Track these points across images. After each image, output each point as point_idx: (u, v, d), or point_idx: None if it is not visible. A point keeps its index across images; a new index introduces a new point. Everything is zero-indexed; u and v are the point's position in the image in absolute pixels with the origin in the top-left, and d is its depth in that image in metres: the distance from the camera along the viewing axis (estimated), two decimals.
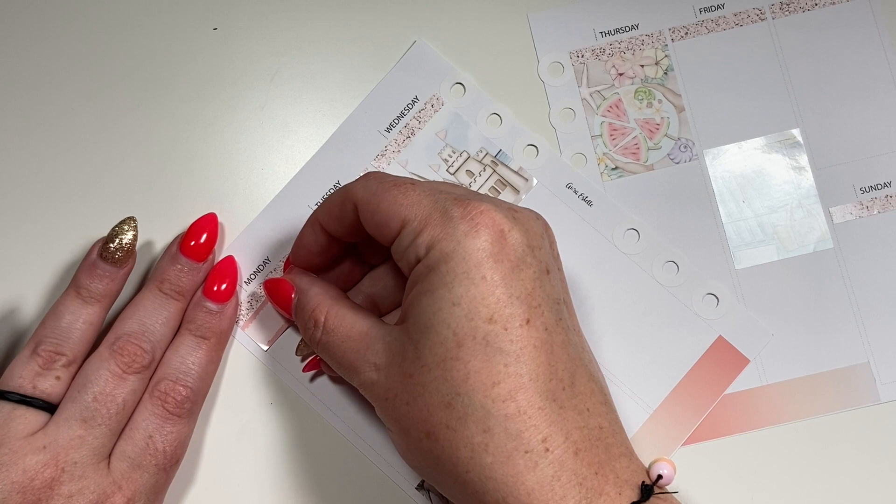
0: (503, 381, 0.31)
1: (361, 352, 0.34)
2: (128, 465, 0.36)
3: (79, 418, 0.36)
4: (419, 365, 0.32)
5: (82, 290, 0.37)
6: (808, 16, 0.43)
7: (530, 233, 0.33)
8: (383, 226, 0.34)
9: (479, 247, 0.31)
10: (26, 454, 0.34)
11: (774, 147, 0.43)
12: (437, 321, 0.32)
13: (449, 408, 0.31)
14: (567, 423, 0.31)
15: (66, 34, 0.43)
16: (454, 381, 0.31)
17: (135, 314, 0.38)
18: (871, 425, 0.41)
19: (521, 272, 0.32)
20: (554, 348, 0.32)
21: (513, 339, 0.31)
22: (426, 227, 0.32)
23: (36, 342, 0.37)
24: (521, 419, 0.31)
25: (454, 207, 0.32)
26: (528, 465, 0.31)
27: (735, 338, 0.41)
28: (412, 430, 0.32)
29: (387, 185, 0.34)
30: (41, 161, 0.42)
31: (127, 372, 0.37)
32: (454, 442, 0.31)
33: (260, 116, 0.43)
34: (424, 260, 0.32)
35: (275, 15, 0.43)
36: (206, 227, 0.40)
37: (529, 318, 0.32)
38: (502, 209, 0.33)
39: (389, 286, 0.39)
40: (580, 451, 0.31)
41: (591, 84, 0.43)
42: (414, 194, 0.33)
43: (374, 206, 0.34)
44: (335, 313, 0.36)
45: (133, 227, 0.38)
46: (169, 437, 0.37)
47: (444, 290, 0.32)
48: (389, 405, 0.33)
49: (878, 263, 0.42)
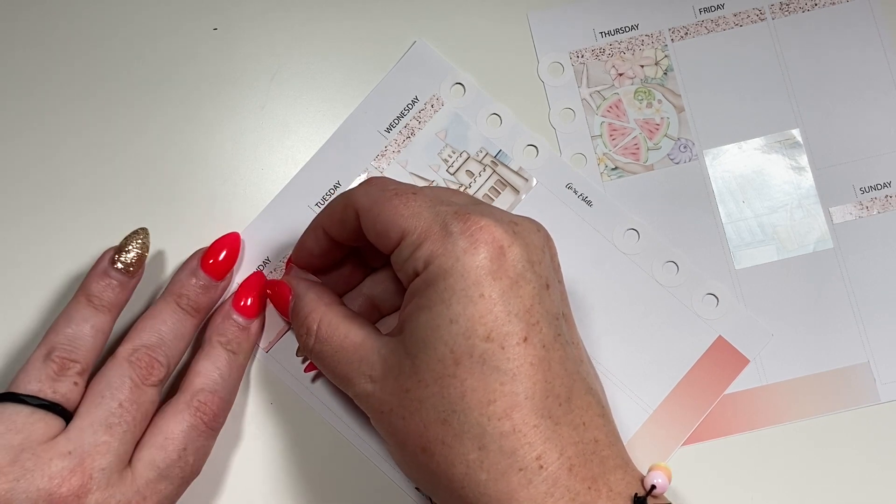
0: (499, 400, 0.31)
1: (355, 363, 0.34)
2: (155, 475, 0.35)
3: (103, 424, 0.35)
4: (416, 380, 0.32)
5: (93, 297, 0.37)
6: (808, 16, 0.43)
7: (531, 247, 0.33)
8: (383, 235, 0.34)
9: (477, 264, 0.31)
10: (51, 459, 0.34)
11: (774, 147, 0.43)
12: (435, 338, 0.32)
13: (445, 424, 0.31)
14: (562, 440, 0.31)
15: (66, 34, 0.43)
16: (450, 399, 0.31)
17: (152, 326, 0.38)
18: (871, 425, 0.41)
19: (520, 288, 0.32)
20: (551, 365, 0.32)
21: (509, 358, 0.31)
22: (425, 241, 0.32)
23: (48, 348, 0.36)
24: (515, 437, 0.31)
25: (454, 222, 0.32)
26: (521, 483, 0.31)
27: (735, 338, 0.41)
28: (408, 444, 0.33)
29: (388, 193, 0.34)
30: (41, 162, 0.42)
31: (145, 383, 0.36)
32: (449, 458, 0.31)
33: (260, 116, 0.43)
34: (423, 274, 0.32)
35: (275, 15, 0.43)
36: (228, 245, 0.40)
37: (527, 336, 0.32)
38: (503, 223, 0.32)
39: (390, 290, 0.39)
40: (574, 466, 0.31)
41: (591, 84, 0.43)
42: (415, 205, 0.33)
43: (374, 214, 0.34)
44: (328, 322, 0.35)
45: (145, 239, 0.38)
46: (200, 450, 0.37)
47: (443, 307, 0.32)
48: (385, 419, 0.33)
49: (878, 263, 0.42)
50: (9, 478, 0.33)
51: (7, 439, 0.34)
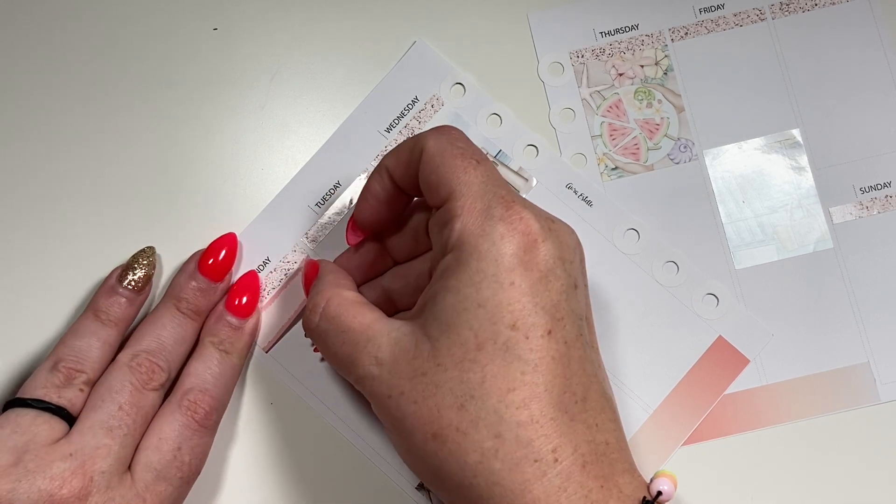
0: (519, 389, 0.31)
1: (362, 343, 0.34)
2: (153, 476, 0.36)
3: (104, 426, 0.35)
4: (434, 364, 0.32)
5: (101, 313, 0.38)
6: (808, 16, 0.43)
7: (563, 246, 0.33)
8: (434, 187, 0.34)
9: (511, 252, 0.32)
10: (53, 461, 0.34)
11: (774, 147, 0.43)
12: (460, 322, 0.32)
13: (462, 410, 0.31)
14: (576, 436, 0.31)
15: (66, 34, 0.43)
16: (470, 384, 0.31)
17: (152, 331, 0.38)
18: (871, 425, 0.41)
19: (550, 283, 0.32)
20: (571, 362, 0.32)
21: (533, 349, 0.31)
22: (465, 214, 0.32)
23: (56, 359, 0.37)
24: (532, 428, 0.31)
25: (498, 206, 0.32)
26: (536, 474, 0.31)
27: (735, 338, 0.41)
28: (417, 430, 0.32)
29: (455, 151, 0.34)
30: (41, 162, 0.42)
31: (146, 387, 0.37)
32: (463, 445, 0.31)
33: (260, 116, 0.43)
34: (455, 252, 0.32)
35: (275, 15, 0.43)
36: (225, 246, 0.40)
37: (551, 330, 0.32)
38: (541, 219, 0.33)
39: (410, 285, 0.39)
40: (587, 464, 0.31)
41: (591, 84, 0.43)
42: (473, 174, 0.33)
43: (435, 164, 0.34)
44: (337, 302, 0.35)
45: (152, 257, 0.39)
46: (196, 449, 0.37)
47: (472, 290, 0.32)
48: (392, 403, 0.33)
49: (877, 263, 0.42)
50: (11, 479, 0.33)
51: (12, 441, 0.34)
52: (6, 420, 0.35)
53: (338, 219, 0.42)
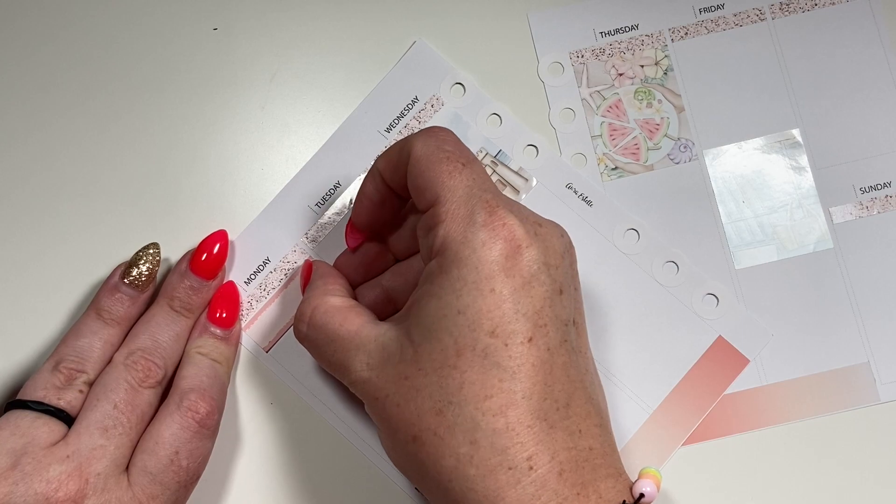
0: (496, 396, 0.31)
1: (352, 351, 0.34)
2: (149, 480, 0.35)
3: (99, 426, 0.35)
4: (416, 368, 0.32)
5: (103, 311, 0.38)
6: (808, 16, 0.43)
7: (549, 251, 0.33)
8: (420, 191, 0.34)
9: (492, 258, 0.31)
10: (50, 464, 0.34)
11: (774, 147, 0.43)
12: (441, 328, 0.32)
13: (439, 415, 0.31)
14: (555, 444, 0.31)
15: (66, 35, 0.43)
16: (448, 389, 0.31)
17: (147, 330, 0.38)
18: (871, 425, 0.41)
19: (532, 289, 0.32)
20: (554, 369, 0.32)
21: (512, 356, 0.31)
22: (448, 220, 0.32)
23: (57, 359, 0.37)
24: (508, 435, 0.31)
25: (481, 212, 0.32)
26: (510, 482, 0.31)
27: (735, 338, 0.41)
28: (400, 432, 0.33)
29: (441, 155, 0.33)
30: (41, 162, 0.42)
31: (142, 386, 0.37)
32: (440, 449, 0.31)
33: (260, 116, 0.43)
34: (438, 258, 0.32)
35: (275, 15, 0.43)
36: (216, 243, 0.40)
37: (532, 337, 0.32)
38: (526, 224, 0.32)
39: (409, 283, 0.39)
40: (564, 471, 0.31)
41: (591, 84, 0.43)
42: (458, 178, 0.33)
43: (421, 168, 0.34)
44: (323, 311, 0.36)
45: (156, 254, 0.39)
46: (195, 452, 0.37)
47: (452, 297, 0.32)
48: (380, 405, 0.33)
49: (877, 263, 0.42)
50: (8, 482, 0.33)
51: (10, 443, 0.34)
52: (6, 422, 0.35)
53: (338, 219, 0.42)
